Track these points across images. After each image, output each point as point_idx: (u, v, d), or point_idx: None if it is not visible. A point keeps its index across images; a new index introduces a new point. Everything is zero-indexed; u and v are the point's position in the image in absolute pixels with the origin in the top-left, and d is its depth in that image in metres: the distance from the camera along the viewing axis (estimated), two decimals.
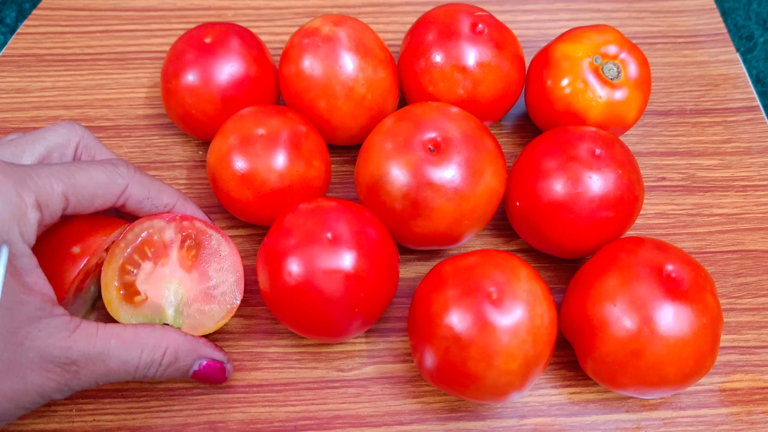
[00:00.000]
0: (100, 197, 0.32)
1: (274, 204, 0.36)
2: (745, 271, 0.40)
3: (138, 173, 0.33)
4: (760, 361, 0.37)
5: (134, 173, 0.33)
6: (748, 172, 0.44)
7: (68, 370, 0.29)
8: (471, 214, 0.35)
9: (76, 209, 0.31)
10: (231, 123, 0.37)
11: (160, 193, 0.34)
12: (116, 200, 0.32)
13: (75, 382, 0.29)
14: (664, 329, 0.30)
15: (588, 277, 0.34)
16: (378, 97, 0.39)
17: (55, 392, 0.29)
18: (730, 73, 0.48)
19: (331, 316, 0.32)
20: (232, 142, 0.36)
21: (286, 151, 0.35)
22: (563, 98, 0.39)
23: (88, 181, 0.31)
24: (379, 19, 0.51)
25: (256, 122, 0.36)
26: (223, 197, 0.37)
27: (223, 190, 0.36)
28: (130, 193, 0.33)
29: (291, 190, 0.36)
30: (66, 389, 0.29)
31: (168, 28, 0.49)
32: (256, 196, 0.36)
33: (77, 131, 0.34)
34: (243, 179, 0.35)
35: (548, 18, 0.51)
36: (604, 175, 0.34)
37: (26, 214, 0.28)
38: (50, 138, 0.33)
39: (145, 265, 0.34)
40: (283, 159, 0.35)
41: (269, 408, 0.35)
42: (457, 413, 0.35)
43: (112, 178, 0.32)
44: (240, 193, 0.36)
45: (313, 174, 0.37)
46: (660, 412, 0.36)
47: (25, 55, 0.47)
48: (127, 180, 0.33)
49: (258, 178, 0.35)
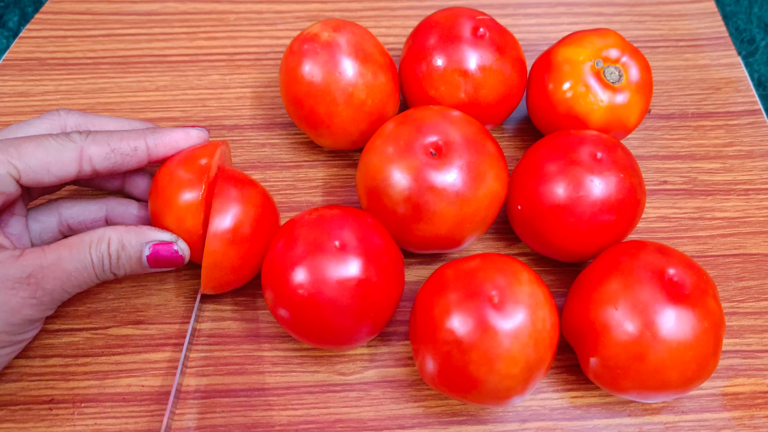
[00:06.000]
0: (55, 164, 0.32)
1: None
2: (747, 275, 0.40)
3: (94, 133, 0.34)
4: (762, 365, 0.37)
5: (87, 135, 0.34)
6: (750, 176, 0.44)
7: (28, 282, 0.30)
8: (472, 218, 0.35)
9: (32, 177, 0.32)
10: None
11: (122, 140, 0.34)
12: (78, 166, 0.33)
13: (41, 292, 0.31)
14: (666, 333, 0.30)
15: (590, 281, 0.34)
16: (378, 102, 0.39)
17: (25, 307, 0.31)
18: (731, 76, 0.48)
19: (344, 324, 0.32)
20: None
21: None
22: (565, 102, 0.39)
23: (37, 149, 0.32)
24: (381, 22, 0.51)
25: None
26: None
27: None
28: (90, 153, 0.33)
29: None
30: (35, 302, 0.31)
31: (170, 32, 0.49)
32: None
33: (61, 116, 0.35)
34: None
35: (550, 22, 0.51)
36: (606, 178, 0.34)
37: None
38: (35, 128, 0.34)
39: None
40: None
41: (271, 412, 0.35)
42: (458, 417, 0.35)
43: (62, 143, 0.33)
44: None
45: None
46: (662, 417, 0.36)
47: (28, 58, 0.48)
48: (80, 143, 0.33)
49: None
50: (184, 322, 0.37)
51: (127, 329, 0.37)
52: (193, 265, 0.39)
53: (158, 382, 0.36)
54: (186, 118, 0.45)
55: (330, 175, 0.43)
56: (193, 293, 0.38)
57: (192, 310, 0.38)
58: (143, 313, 0.38)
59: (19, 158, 0.31)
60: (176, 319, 0.37)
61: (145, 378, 0.36)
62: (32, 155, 0.32)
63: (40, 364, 0.36)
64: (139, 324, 0.37)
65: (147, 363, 0.36)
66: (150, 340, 0.37)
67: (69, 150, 0.33)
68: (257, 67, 0.48)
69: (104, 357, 0.36)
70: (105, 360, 0.36)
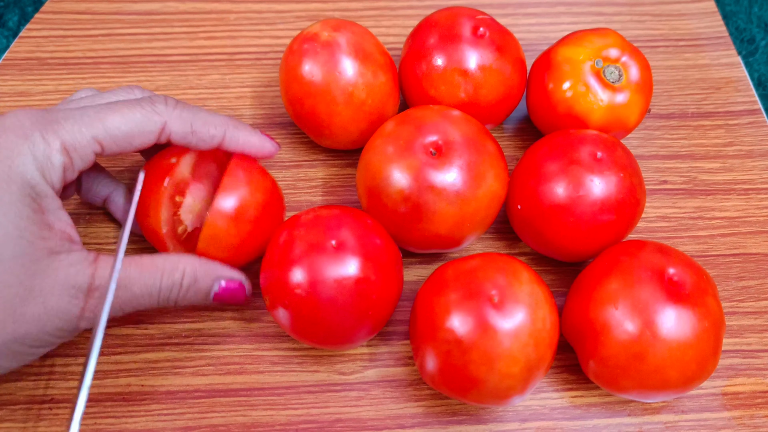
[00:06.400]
0: (137, 136, 0.32)
1: None
2: (747, 275, 0.40)
3: (179, 107, 0.33)
4: (762, 365, 0.37)
5: (174, 108, 0.33)
6: (750, 176, 0.44)
7: (92, 296, 0.30)
8: (472, 218, 0.35)
9: (114, 150, 0.32)
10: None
11: (205, 125, 0.34)
12: (157, 138, 0.33)
13: (100, 308, 0.30)
14: (666, 333, 0.30)
15: (590, 281, 0.34)
16: (378, 102, 0.39)
17: (80, 319, 0.30)
18: (731, 76, 0.48)
19: (343, 324, 0.32)
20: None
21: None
22: (565, 101, 0.39)
23: (122, 121, 0.31)
24: (381, 22, 0.51)
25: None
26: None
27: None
28: (171, 129, 0.33)
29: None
30: (91, 315, 0.30)
31: (170, 32, 0.49)
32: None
33: (160, 111, 0.33)
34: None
35: (550, 21, 0.51)
36: (606, 178, 0.34)
37: (51, 158, 0.30)
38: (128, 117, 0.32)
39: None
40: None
41: (270, 411, 0.35)
42: (458, 417, 0.35)
43: (148, 116, 0.32)
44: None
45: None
46: (662, 416, 0.36)
47: (28, 58, 0.48)
48: (164, 116, 0.32)
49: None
50: (185, 322, 0.37)
51: (127, 329, 0.37)
52: None
53: (158, 381, 0.36)
54: None
55: (330, 175, 0.43)
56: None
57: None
58: (143, 312, 0.38)
59: (105, 132, 0.31)
60: (176, 319, 0.37)
61: (145, 378, 0.36)
62: (118, 129, 0.31)
63: (40, 363, 0.36)
64: (139, 324, 0.37)
65: (147, 363, 0.36)
66: (150, 340, 0.37)
67: (153, 123, 0.32)
68: (257, 66, 0.48)
69: (104, 357, 0.36)
70: (105, 360, 0.36)
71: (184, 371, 0.36)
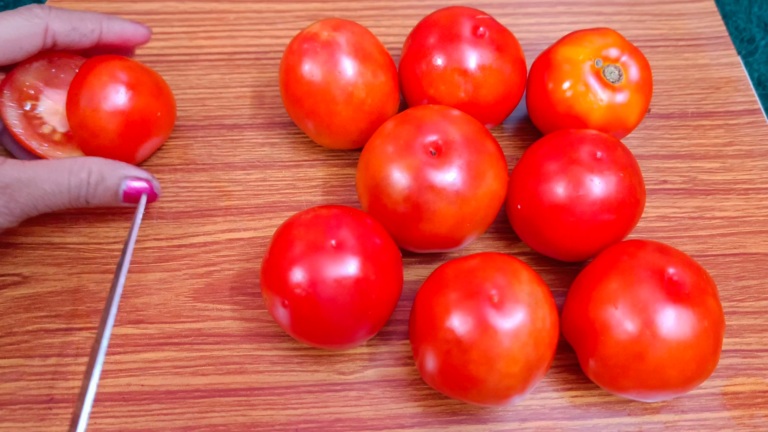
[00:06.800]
0: (25, 40, 0.34)
1: None
2: (747, 274, 0.40)
3: (56, 9, 0.36)
4: (762, 365, 0.37)
5: (51, 10, 0.35)
6: (750, 175, 0.44)
7: (4, 193, 0.32)
8: (472, 217, 0.35)
9: (6, 57, 0.34)
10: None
11: (82, 21, 0.36)
12: (43, 40, 0.35)
13: (14, 203, 0.32)
14: (665, 332, 0.30)
15: (589, 280, 0.34)
16: (378, 102, 0.39)
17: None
18: (731, 76, 0.48)
19: (343, 323, 0.32)
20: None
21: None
22: (564, 101, 0.39)
23: (7, 28, 0.34)
24: (381, 22, 0.51)
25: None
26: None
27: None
28: (54, 30, 0.35)
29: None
30: (6, 211, 0.32)
31: (170, 31, 0.49)
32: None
33: (39, 15, 0.36)
34: None
35: (549, 21, 0.51)
36: (606, 178, 0.34)
37: None
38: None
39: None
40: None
41: (270, 411, 0.35)
42: (458, 416, 0.35)
43: (29, 20, 0.34)
44: None
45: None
46: (662, 416, 0.36)
47: None
48: (45, 19, 0.35)
49: None
50: (185, 322, 0.37)
51: (127, 329, 0.37)
52: (193, 264, 0.39)
53: (158, 381, 0.36)
54: (186, 117, 0.45)
55: (330, 175, 0.43)
56: (194, 293, 0.38)
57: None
58: (143, 312, 0.38)
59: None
60: (176, 319, 0.37)
61: (145, 378, 0.36)
62: (5, 35, 0.33)
63: (39, 363, 0.36)
64: (139, 324, 0.37)
65: (147, 363, 0.36)
66: (150, 340, 0.37)
67: (35, 25, 0.34)
68: (257, 66, 0.48)
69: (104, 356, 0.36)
70: (105, 360, 0.36)
71: (184, 371, 0.36)
